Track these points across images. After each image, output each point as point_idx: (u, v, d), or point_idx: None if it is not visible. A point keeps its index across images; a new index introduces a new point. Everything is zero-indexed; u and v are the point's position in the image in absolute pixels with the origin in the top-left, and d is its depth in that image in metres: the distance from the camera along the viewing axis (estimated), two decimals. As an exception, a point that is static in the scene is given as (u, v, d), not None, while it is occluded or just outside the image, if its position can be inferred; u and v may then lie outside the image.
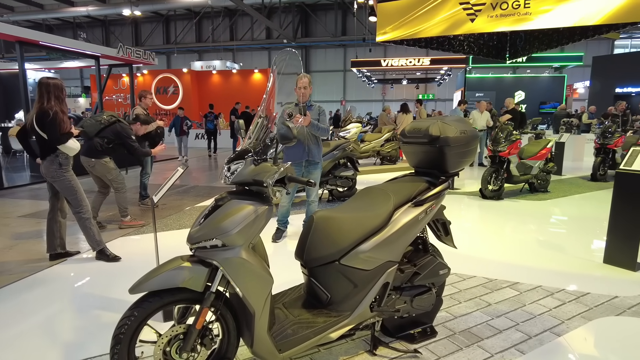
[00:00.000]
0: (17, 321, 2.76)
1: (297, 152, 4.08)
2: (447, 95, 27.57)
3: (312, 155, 4.13)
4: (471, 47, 10.35)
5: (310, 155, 4.12)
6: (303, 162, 4.15)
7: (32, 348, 2.43)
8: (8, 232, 4.73)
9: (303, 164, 4.16)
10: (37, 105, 3.46)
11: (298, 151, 4.07)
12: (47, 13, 23.20)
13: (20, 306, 2.98)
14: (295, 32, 26.59)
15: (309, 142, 4.10)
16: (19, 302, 3.05)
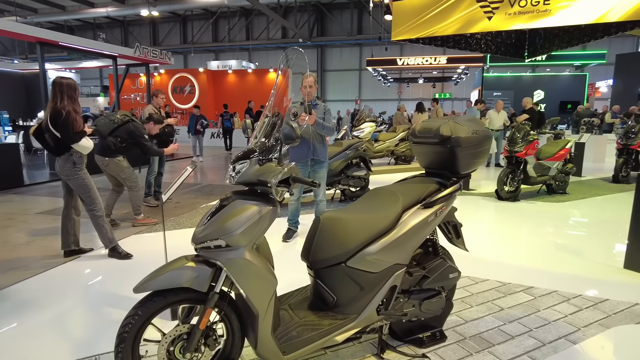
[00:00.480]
0: (30, 316, 2.81)
1: (302, 151, 4.07)
2: (464, 95, 27.16)
3: (317, 154, 4.11)
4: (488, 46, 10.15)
5: (316, 154, 4.10)
6: (308, 161, 4.13)
7: (44, 343, 2.47)
8: (26, 229, 4.83)
9: (309, 163, 4.15)
10: (50, 104, 3.52)
11: (303, 150, 4.06)
12: (68, 14, 23.72)
13: (34, 301, 3.03)
14: (311, 31, 26.57)
15: (314, 141, 4.08)
16: (33, 297, 3.11)
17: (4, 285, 3.30)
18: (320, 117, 4.01)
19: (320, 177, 4.22)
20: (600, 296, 3.13)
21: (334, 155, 6.12)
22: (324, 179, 4.28)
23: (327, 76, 31.10)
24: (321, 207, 4.36)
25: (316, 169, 4.20)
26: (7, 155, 6.94)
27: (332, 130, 4.12)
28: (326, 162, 4.25)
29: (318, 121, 3.91)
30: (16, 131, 11.05)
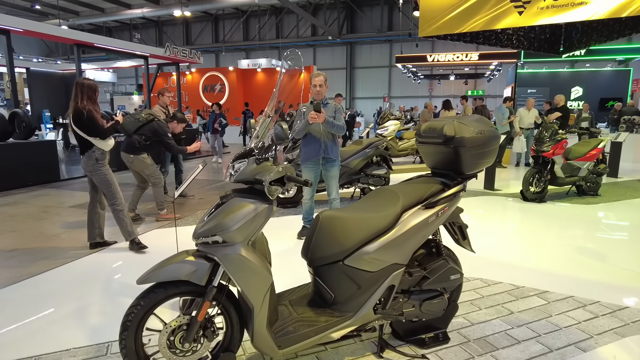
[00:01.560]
0: (53, 303, 2.99)
1: (313, 150, 4.09)
2: (497, 92, 26.35)
3: (328, 152, 4.12)
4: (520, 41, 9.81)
5: (327, 152, 4.11)
6: (320, 159, 4.14)
7: (64, 327, 2.63)
8: (59, 221, 5.12)
9: (320, 162, 4.16)
10: (72, 104, 3.72)
11: (315, 149, 4.09)
12: (107, 16, 24.72)
13: (58, 289, 3.23)
14: (341, 29, 26.49)
15: (326, 139, 4.09)
16: (57, 285, 3.31)
17: (35, 273, 3.53)
18: (331, 115, 4.01)
19: (332, 176, 4.23)
20: (620, 304, 3.00)
21: (353, 154, 6.13)
22: (335, 178, 4.28)
23: (357, 73, 30.95)
24: (334, 205, 4.36)
25: (328, 168, 4.21)
26: (45, 151, 7.36)
27: (343, 128, 4.10)
28: (338, 161, 4.25)
29: (328, 119, 3.91)
30: (56, 128, 11.68)
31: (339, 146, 4.27)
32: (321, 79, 4.02)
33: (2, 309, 2.96)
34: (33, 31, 7.87)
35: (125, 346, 1.87)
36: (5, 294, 3.18)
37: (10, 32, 7.41)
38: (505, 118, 9.40)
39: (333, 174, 4.24)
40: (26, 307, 2.97)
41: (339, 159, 4.29)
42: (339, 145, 4.28)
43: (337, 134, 4.17)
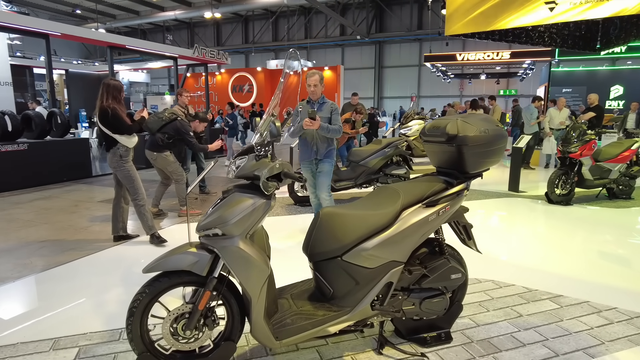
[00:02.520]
0: (75, 291, 3.18)
1: (307, 153, 4.14)
2: (531, 91, 25.50)
3: (320, 154, 4.12)
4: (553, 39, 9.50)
5: (319, 154, 4.11)
6: (313, 160, 4.16)
7: (83, 313, 2.79)
8: (87, 215, 5.39)
9: (314, 162, 4.18)
10: (98, 103, 3.91)
11: (307, 151, 4.13)
12: (142, 19, 25.65)
13: (81, 278, 3.42)
14: (369, 28, 26.39)
15: (317, 142, 4.07)
16: (80, 275, 3.50)
17: (62, 263, 3.75)
18: (326, 116, 3.97)
19: (322, 173, 4.14)
20: (639, 311, 2.89)
21: (372, 153, 6.13)
22: (326, 174, 4.14)
23: (385, 73, 30.74)
24: (326, 204, 4.21)
25: (319, 165, 4.17)
26: (79, 149, 7.74)
27: (338, 131, 4.02)
28: (330, 159, 4.17)
29: (322, 126, 3.85)
30: (91, 127, 12.25)
31: (334, 145, 4.20)
32: (316, 79, 3.94)
33: (28, 295, 3.17)
34: (70, 34, 8.30)
35: (131, 331, 1.98)
36: (34, 281, 3.40)
37: (49, 36, 7.85)
38: (534, 118, 9.13)
39: (323, 170, 4.15)
40: (50, 293, 3.17)
41: (333, 157, 4.20)
42: (334, 144, 4.22)
43: (333, 137, 4.11)
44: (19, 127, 7.06)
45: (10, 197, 6.33)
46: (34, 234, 4.55)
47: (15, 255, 3.95)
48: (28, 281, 3.39)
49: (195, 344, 2.06)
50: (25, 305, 3.01)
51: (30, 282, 3.37)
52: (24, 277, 3.46)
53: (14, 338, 2.51)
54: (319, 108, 4.02)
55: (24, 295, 3.19)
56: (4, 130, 6.86)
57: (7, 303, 3.02)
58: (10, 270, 3.60)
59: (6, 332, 2.59)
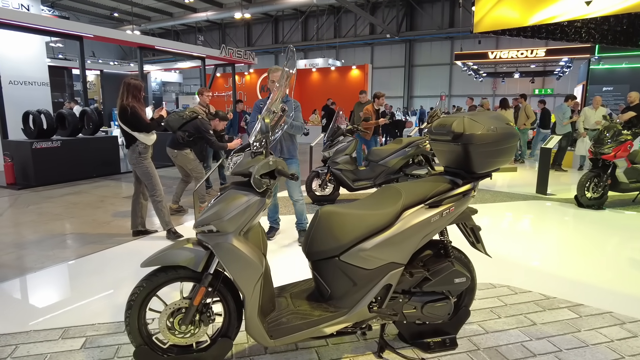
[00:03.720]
0: (89, 283, 3.28)
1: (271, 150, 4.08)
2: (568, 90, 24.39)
3: (284, 152, 4.01)
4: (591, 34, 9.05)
5: (283, 152, 4.00)
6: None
7: (93, 305, 2.88)
8: (111, 210, 5.57)
9: None
10: (118, 102, 4.03)
11: (274, 150, 3.99)
12: (175, 20, 26.38)
13: (97, 271, 3.53)
14: (399, 26, 26.05)
15: (282, 139, 3.97)
16: (97, 267, 3.62)
17: (83, 255, 3.89)
18: (289, 113, 3.92)
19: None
20: (666, 323, 2.69)
21: (392, 153, 6.02)
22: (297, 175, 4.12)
23: (416, 71, 30.25)
24: (298, 207, 4.18)
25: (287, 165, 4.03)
26: (108, 146, 8.03)
27: (301, 128, 3.98)
28: (295, 159, 4.10)
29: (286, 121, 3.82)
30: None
31: (296, 145, 4.13)
32: (279, 75, 3.71)
33: (46, 285, 3.30)
34: (102, 36, 8.63)
35: (129, 324, 2.01)
36: (53, 272, 3.55)
37: (82, 38, 8.19)
38: (566, 117, 8.72)
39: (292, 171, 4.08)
40: (66, 284, 3.29)
41: (297, 157, 4.12)
42: (297, 143, 4.14)
43: (295, 134, 4.05)
44: (53, 125, 7.39)
45: (44, 192, 6.64)
46: (60, 227, 4.75)
47: (41, 246, 4.13)
48: (48, 272, 3.53)
49: (191, 339, 2.07)
50: (42, 294, 3.13)
51: (50, 273, 3.52)
52: (46, 267, 3.61)
53: (28, 325, 2.62)
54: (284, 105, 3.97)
55: (43, 285, 3.32)
56: (40, 128, 7.20)
57: (26, 292, 3.15)
58: (35, 260, 3.76)
59: (22, 319, 2.70)
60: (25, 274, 3.48)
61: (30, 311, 2.83)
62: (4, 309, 2.85)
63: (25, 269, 3.57)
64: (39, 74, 8.69)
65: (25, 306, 2.91)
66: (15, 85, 8.21)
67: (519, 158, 10.66)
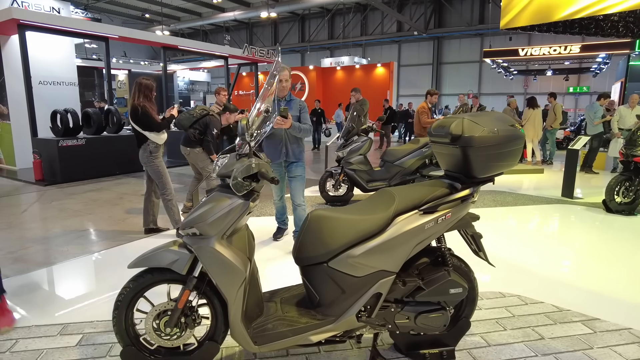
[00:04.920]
0: (94, 279, 3.35)
1: (274, 152, 3.80)
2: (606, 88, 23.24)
3: (289, 156, 3.82)
4: (629, 28, 8.58)
5: (288, 155, 3.81)
6: (282, 162, 3.85)
7: (94, 302, 2.93)
8: (127, 207, 5.70)
9: (283, 164, 3.87)
10: (130, 101, 4.09)
11: (276, 151, 3.79)
12: (203, 20, 26.82)
13: (104, 267, 3.61)
14: (427, 23, 25.55)
15: (287, 142, 3.78)
16: (104, 264, 3.70)
17: (93, 252, 3.99)
18: (295, 114, 3.72)
19: (295, 178, 3.87)
20: (691, 343, 2.47)
21: (408, 153, 5.88)
22: (300, 180, 3.89)
23: (444, 69, 29.58)
24: (299, 212, 3.96)
25: (291, 169, 3.88)
26: (130, 144, 8.21)
27: (309, 131, 3.78)
28: (301, 162, 3.91)
29: (294, 125, 3.59)
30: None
31: (302, 147, 3.95)
32: (286, 74, 3.68)
33: (55, 280, 3.39)
34: (126, 37, 8.86)
35: (116, 324, 2.02)
36: (63, 268, 3.64)
37: (108, 39, 8.43)
38: (598, 117, 8.28)
39: (297, 174, 3.86)
40: (73, 281, 3.37)
41: (303, 160, 3.95)
42: (303, 146, 3.96)
43: (302, 137, 3.85)
44: (79, 124, 7.64)
45: (68, 188, 6.87)
46: (77, 223, 4.89)
47: (56, 242, 4.26)
48: (59, 267, 3.63)
49: (177, 342, 2.06)
50: (49, 290, 3.22)
51: (60, 269, 3.61)
52: (58, 263, 3.71)
53: (32, 320, 2.68)
54: (288, 105, 3.73)
55: (51, 281, 3.42)
56: (66, 127, 7.46)
57: (35, 287, 3.24)
58: (48, 256, 3.88)
59: (26, 314, 2.77)
60: (37, 269, 3.58)
61: (35, 306, 2.90)
62: (14, 303, 2.93)
63: (39, 264, 3.68)
64: (67, 74, 9.01)
65: (31, 301, 2.99)
66: (45, 85, 8.54)
67: (547, 159, 10.23)
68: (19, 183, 7.40)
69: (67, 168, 7.25)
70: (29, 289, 3.19)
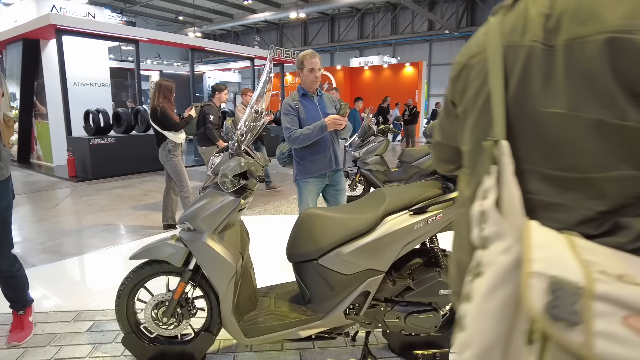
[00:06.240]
0: (109, 271, 3.53)
1: (323, 162, 2.96)
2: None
3: (339, 162, 3.08)
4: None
5: (337, 163, 3.05)
6: (328, 173, 3.01)
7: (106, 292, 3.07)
8: (152, 203, 5.93)
9: (327, 174, 3.02)
10: (151, 102, 4.28)
11: (325, 160, 2.96)
12: (235, 21, 27.39)
13: (120, 261, 3.79)
14: (459, 22, 25.04)
15: (334, 147, 3.01)
16: (121, 257, 3.88)
17: (113, 244, 4.20)
18: (332, 112, 3.01)
19: (343, 189, 3.15)
20: None
21: (426, 154, 5.81)
22: (344, 191, 3.18)
23: (475, 69, 28.91)
24: None
25: (337, 180, 3.11)
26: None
27: (351, 128, 3.12)
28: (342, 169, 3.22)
29: (348, 125, 2.95)
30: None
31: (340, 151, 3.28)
32: (318, 62, 2.93)
33: (77, 270, 3.60)
34: (155, 39, 9.22)
35: (118, 312, 2.14)
36: (86, 259, 3.86)
37: (138, 41, 8.79)
38: None
39: (342, 186, 3.16)
40: (90, 271, 3.56)
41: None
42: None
43: (345, 137, 3.25)
44: (109, 123, 8.01)
45: (97, 185, 7.23)
46: (102, 218, 5.15)
47: (82, 235, 4.51)
48: (80, 259, 3.85)
49: (175, 331, 2.16)
50: (69, 279, 3.42)
51: (81, 260, 3.83)
52: (81, 254, 3.93)
53: (51, 307, 2.87)
54: (320, 102, 3.02)
55: (73, 271, 3.63)
56: (97, 126, 7.84)
57: (57, 276, 3.46)
58: (74, 248, 4.12)
59: (47, 300, 2.97)
60: (61, 259, 3.81)
61: (55, 294, 3.10)
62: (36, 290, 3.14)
63: (63, 255, 3.91)
64: (100, 76, 9.46)
65: (52, 289, 3.20)
66: (79, 87, 9.00)
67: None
68: (54, 179, 7.84)
69: (98, 165, 7.62)
70: (51, 278, 3.41)
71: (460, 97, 0.88)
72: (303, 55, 2.93)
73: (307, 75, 2.91)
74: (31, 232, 4.60)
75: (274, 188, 6.81)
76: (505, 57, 0.75)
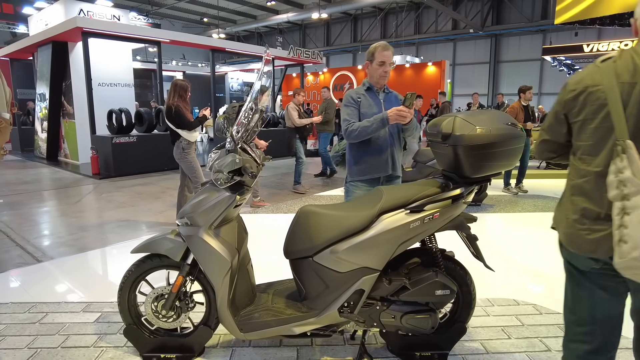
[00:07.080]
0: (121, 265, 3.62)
1: (378, 164, 2.64)
2: (689, 86, 20.97)
3: (397, 167, 2.71)
4: None
5: (394, 168, 2.69)
6: (383, 178, 2.69)
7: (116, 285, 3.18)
8: (169, 201, 6.06)
9: (381, 180, 2.69)
10: (166, 101, 4.37)
11: (380, 162, 2.63)
12: (258, 22, 27.70)
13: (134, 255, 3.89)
14: (484, 20, 24.53)
15: (395, 148, 2.67)
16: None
17: (128, 239, 4.32)
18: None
19: None
20: None
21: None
22: None
23: (502, 67, 28.21)
24: None
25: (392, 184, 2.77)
26: (178, 141, 8.75)
27: (417, 128, 2.76)
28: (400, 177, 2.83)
29: (414, 121, 2.57)
30: (201, 123, 13.74)
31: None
32: (390, 54, 2.61)
33: (91, 263, 3.71)
34: (177, 40, 9.42)
35: (120, 304, 2.20)
36: (100, 253, 3.98)
37: (160, 43, 9.01)
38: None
39: None
40: (103, 264, 3.67)
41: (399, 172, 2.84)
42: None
43: (412, 138, 2.85)
44: (131, 122, 8.24)
45: (118, 182, 7.45)
46: (120, 214, 5.30)
47: (100, 230, 4.65)
48: (95, 253, 3.98)
49: (174, 324, 2.21)
50: (84, 271, 3.54)
51: (96, 254, 3.96)
52: (98, 248, 4.07)
53: (63, 297, 2.98)
54: (386, 99, 2.70)
55: (87, 264, 3.75)
56: (120, 125, 8.08)
57: (72, 268, 3.59)
58: (91, 242, 4.26)
59: (60, 291, 3.09)
60: (78, 253, 3.95)
61: (69, 285, 3.22)
62: (52, 281, 3.27)
63: (80, 249, 4.05)
64: (124, 76, 9.75)
65: (67, 280, 3.32)
66: (103, 87, 9.29)
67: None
68: (78, 176, 8.13)
69: (120, 163, 7.85)
70: (67, 270, 3.54)
71: (578, 111, 1.36)
72: (374, 47, 2.63)
73: (375, 69, 2.62)
74: (53, 227, 4.78)
75: (298, 191, 6.71)
76: (621, 90, 1.26)
